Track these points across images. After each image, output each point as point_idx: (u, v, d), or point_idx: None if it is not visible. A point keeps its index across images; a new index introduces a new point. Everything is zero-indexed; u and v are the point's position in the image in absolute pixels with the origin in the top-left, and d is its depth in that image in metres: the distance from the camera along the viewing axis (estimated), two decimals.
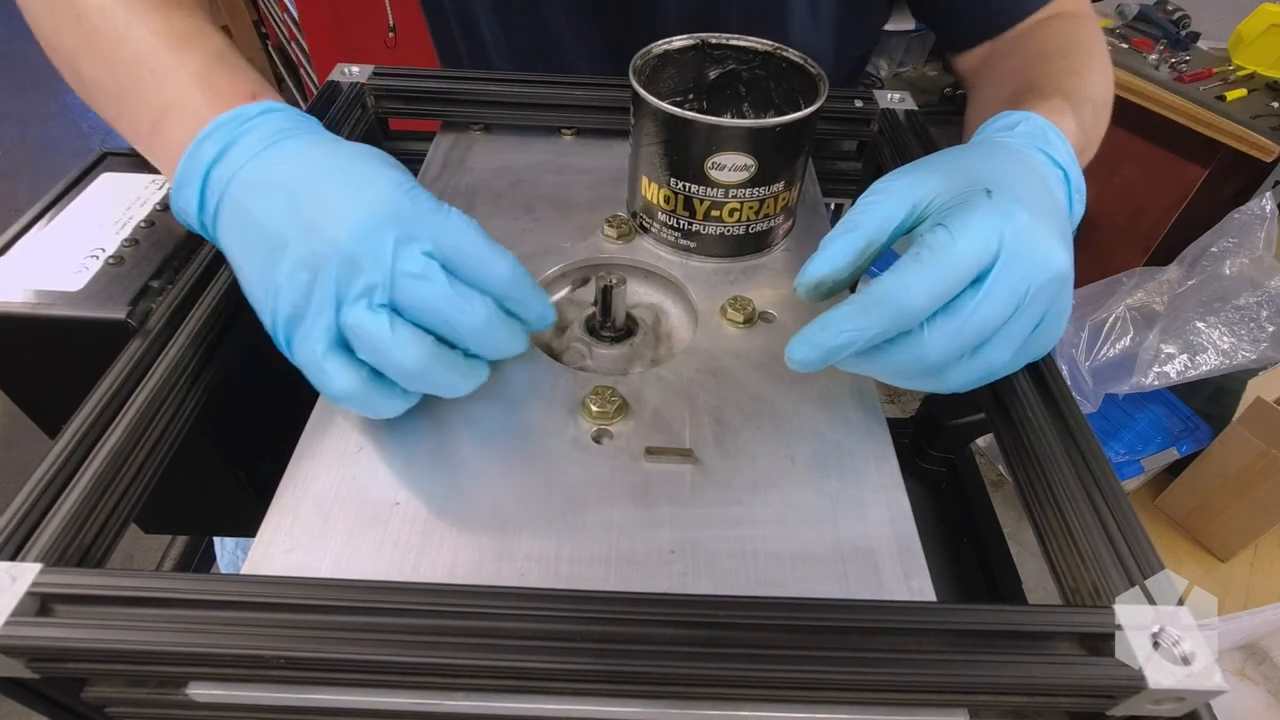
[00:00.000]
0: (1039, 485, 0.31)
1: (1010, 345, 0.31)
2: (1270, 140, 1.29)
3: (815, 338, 0.31)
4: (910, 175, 0.33)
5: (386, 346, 0.30)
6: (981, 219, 0.30)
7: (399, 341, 0.30)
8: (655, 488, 0.34)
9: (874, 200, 0.33)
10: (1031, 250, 0.30)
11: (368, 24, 1.64)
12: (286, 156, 0.33)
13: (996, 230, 0.29)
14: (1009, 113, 0.39)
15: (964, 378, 0.32)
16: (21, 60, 3.19)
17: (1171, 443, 1.44)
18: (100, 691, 0.26)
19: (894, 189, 0.33)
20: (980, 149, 0.35)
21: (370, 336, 0.30)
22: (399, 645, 0.24)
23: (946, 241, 0.29)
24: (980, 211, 0.30)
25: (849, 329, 0.30)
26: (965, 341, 0.30)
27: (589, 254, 0.47)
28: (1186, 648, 0.24)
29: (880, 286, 0.29)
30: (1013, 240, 0.29)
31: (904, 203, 0.32)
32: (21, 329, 0.35)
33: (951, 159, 0.34)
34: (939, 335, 0.30)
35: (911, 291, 0.29)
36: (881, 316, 0.29)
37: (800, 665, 0.24)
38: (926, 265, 0.29)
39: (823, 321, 0.31)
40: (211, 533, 0.66)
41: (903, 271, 0.29)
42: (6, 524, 0.26)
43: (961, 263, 0.29)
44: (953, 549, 0.57)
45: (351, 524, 0.32)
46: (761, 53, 0.47)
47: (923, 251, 0.29)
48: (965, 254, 0.29)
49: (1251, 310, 1.31)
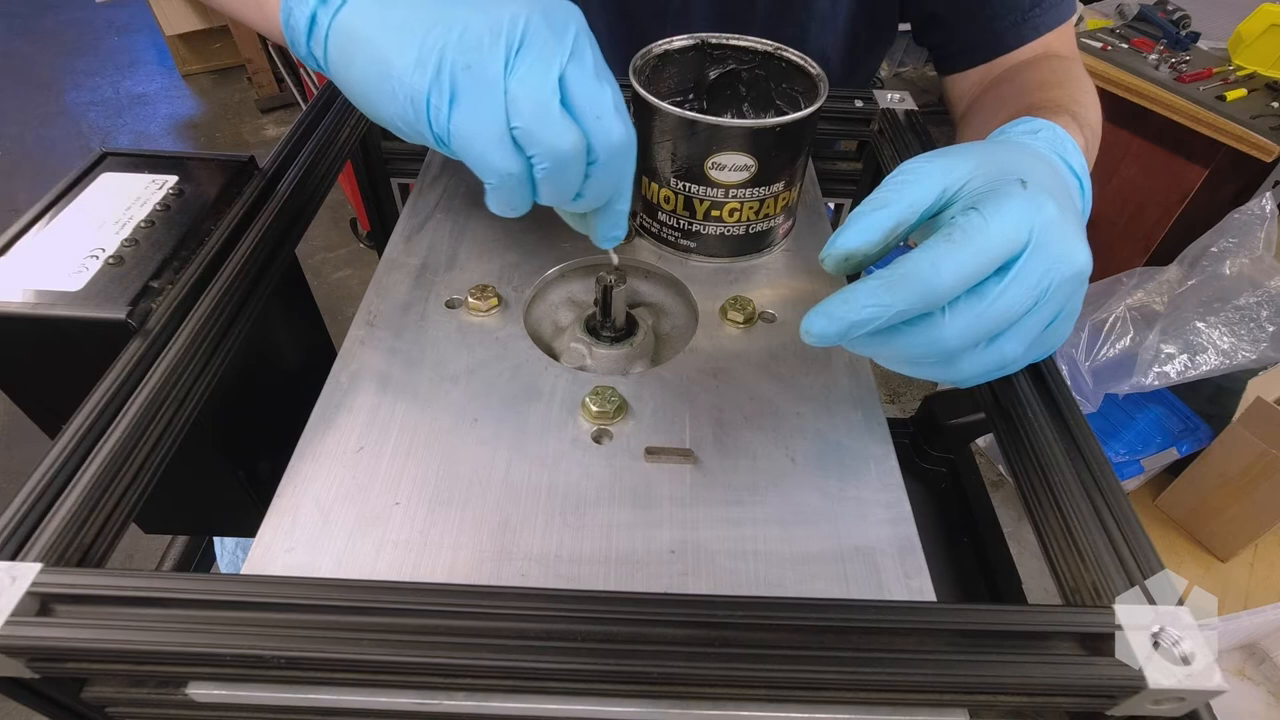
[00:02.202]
0: (1039, 485, 0.31)
1: (1025, 338, 0.31)
2: (1270, 140, 1.29)
3: (835, 311, 0.30)
4: (942, 159, 0.33)
5: (552, 122, 0.30)
6: (1014, 206, 0.29)
7: (565, 125, 0.30)
8: (655, 488, 0.34)
9: (905, 180, 0.32)
10: (1059, 244, 0.30)
11: None
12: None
13: (1028, 220, 0.29)
14: (1030, 119, 0.39)
15: (975, 368, 0.32)
16: (21, 60, 3.19)
17: (1171, 443, 1.44)
18: (100, 691, 0.26)
19: (926, 171, 0.32)
20: (1008, 145, 0.35)
21: (540, 107, 0.30)
22: (399, 645, 0.24)
23: (980, 224, 0.29)
24: (1014, 200, 0.30)
25: (871, 304, 0.29)
26: (984, 329, 0.30)
27: (589, 254, 0.47)
28: (1186, 648, 0.24)
29: (907, 264, 0.29)
30: (1042, 232, 0.29)
31: (935, 186, 0.32)
32: (21, 329, 0.35)
33: (981, 149, 0.34)
34: (960, 319, 0.29)
35: (941, 270, 0.28)
36: (907, 294, 0.29)
37: (800, 665, 0.24)
38: (959, 246, 0.29)
39: (844, 295, 0.30)
40: (211, 533, 0.66)
41: (932, 250, 0.29)
42: (6, 524, 0.26)
43: (993, 247, 0.29)
44: (953, 549, 0.57)
45: (351, 524, 0.32)
46: (761, 53, 0.47)
47: (955, 233, 0.29)
48: (997, 239, 0.29)
49: (1251, 310, 1.31)
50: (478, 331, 0.41)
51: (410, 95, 0.31)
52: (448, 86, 0.30)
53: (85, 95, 2.99)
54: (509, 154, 0.31)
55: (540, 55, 0.30)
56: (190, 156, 0.45)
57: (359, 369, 0.39)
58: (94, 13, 3.52)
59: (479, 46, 0.30)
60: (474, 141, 0.31)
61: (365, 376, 0.38)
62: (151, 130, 2.83)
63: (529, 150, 0.31)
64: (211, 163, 0.44)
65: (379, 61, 0.31)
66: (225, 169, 0.43)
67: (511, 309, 0.43)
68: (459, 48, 0.30)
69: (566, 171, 0.32)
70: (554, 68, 0.30)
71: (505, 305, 0.43)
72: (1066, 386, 0.35)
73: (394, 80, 0.31)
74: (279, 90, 2.92)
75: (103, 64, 3.20)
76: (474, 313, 0.42)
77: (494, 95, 0.30)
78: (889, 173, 0.33)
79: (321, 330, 0.55)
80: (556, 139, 0.31)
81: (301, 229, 0.44)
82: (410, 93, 0.31)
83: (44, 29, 3.45)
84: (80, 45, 3.33)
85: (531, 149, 0.31)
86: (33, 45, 3.31)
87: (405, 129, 0.33)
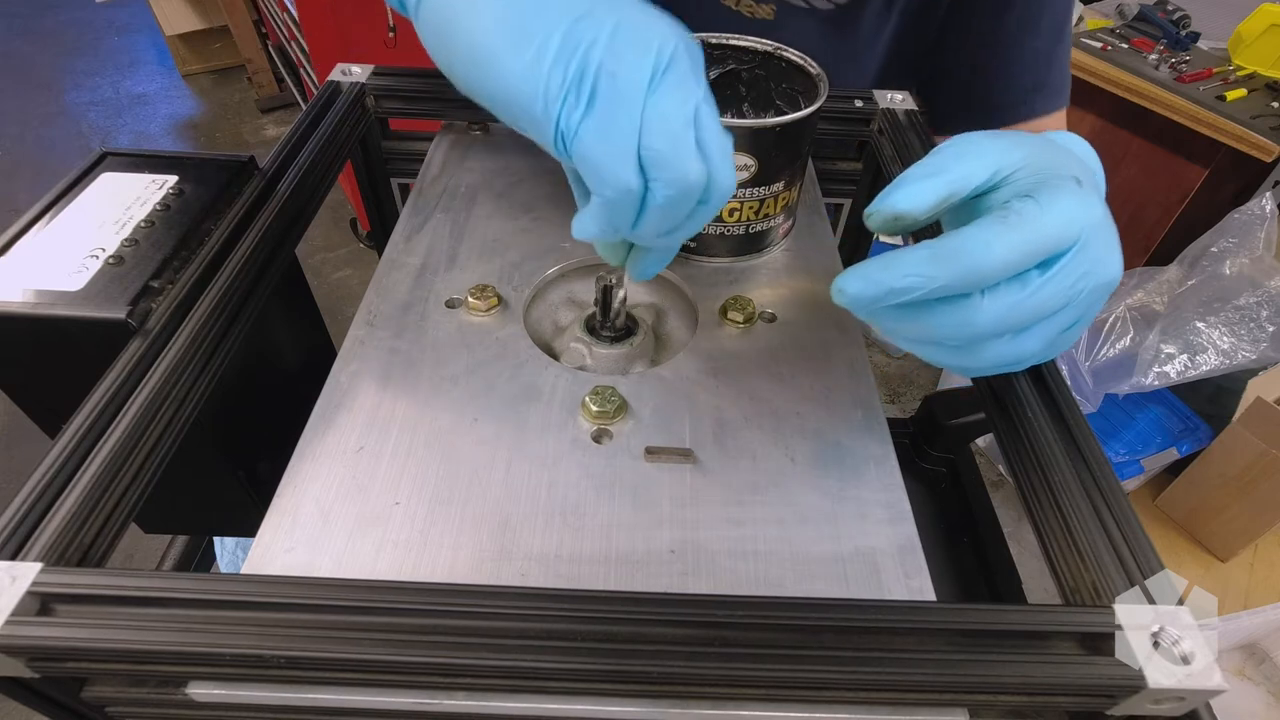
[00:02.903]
0: (1039, 485, 0.31)
1: (1046, 336, 0.31)
2: (1270, 140, 1.29)
3: (875, 275, 0.29)
4: (999, 140, 0.32)
5: (686, 153, 0.29)
6: (1070, 202, 0.29)
7: (697, 158, 0.29)
8: (655, 488, 0.34)
9: (961, 151, 0.31)
10: (1102, 248, 0.30)
11: (368, 24, 1.64)
12: None
13: (1080, 218, 0.29)
14: (1061, 132, 0.39)
15: (993, 360, 0.31)
16: (21, 60, 3.19)
17: (1171, 443, 1.44)
18: (100, 691, 0.26)
19: (981, 149, 0.31)
20: (1054, 145, 0.34)
21: (677, 134, 0.28)
22: (399, 645, 0.24)
23: (1036, 212, 0.28)
24: (1070, 196, 0.29)
25: (915, 274, 0.28)
26: (1017, 319, 0.29)
27: (589, 254, 0.47)
28: (1186, 648, 0.24)
29: (959, 239, 0.28)
30: (1091, 233, 0.29)
31: (990, 164, 0.31)
32: (21, 329, 0.35)
33: (1034, 141, 0.33)
34: (996, 304, 0.29)
35: (993, 251, 0.28)
36: (953, 269, 0.28)
37: (800, 665, 0.24)
38: (1013, 229, 0.28)
39: (887, 260, 0.29)
40: (211, 533, 0.66)
41: (986, 230, 0.28)
42: (6, 524, 0.26)
43: (1045, 238, 0.28)
44: (953, 549, 0.57)
45: (351, 524, 0.32)
46: (761, 53, 0.47)
47: (1010, 216, 0.29)
48: (1051, 229, 0.28)
49: (1251, 310, 1.31)
50: (478, 331, 0.41)
51: (544, 90, 0.28)
52: (588, 89, 0.28)
53: (85, 95, 2.99)
54: (633, 172, 0.29)
55: (683, 83, 0.29)
56: (190, 156, 0.45)
57: (359, 369, 0.39)
58: (94, 13, 3.52)
59: (626, 54, 0.28)
60: (600, 152, 0.29)
61: (365, 376, 0.38)
62: (151, 130, 2.83)
63: (654, 174, 0.29)
64: (211, 163, 0.44)
65: (511, 30, 0.29)
66: (225, 169, 0.43)
67: (511, 309, 0.43)
68: (608, 50, 0.28)
69: (685, 204, 0.31)
70: (692, 99, 0.29)
71: (505, 305, 0.43)
72: (1066, 386, 0.35)
73: (524, 65, 0.28)
74: (279, 90, 2.92)
75: (103, 64, 3.20)
76: (474, 313, 0.42)
77: (632, 109, 0.28)
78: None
79: (321, 330, 0.55)
80: (688, 169, 0.29)
81: (301, 229, 0.44)
82: (544, 87, 0.28)
83: (44, 29, 3.45)
84: (80, 45, 3.33)
85: (659, 173, 0.29)
86: (33, 45, 3.31)
87: (518, 117, 0.30)
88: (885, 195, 0.31)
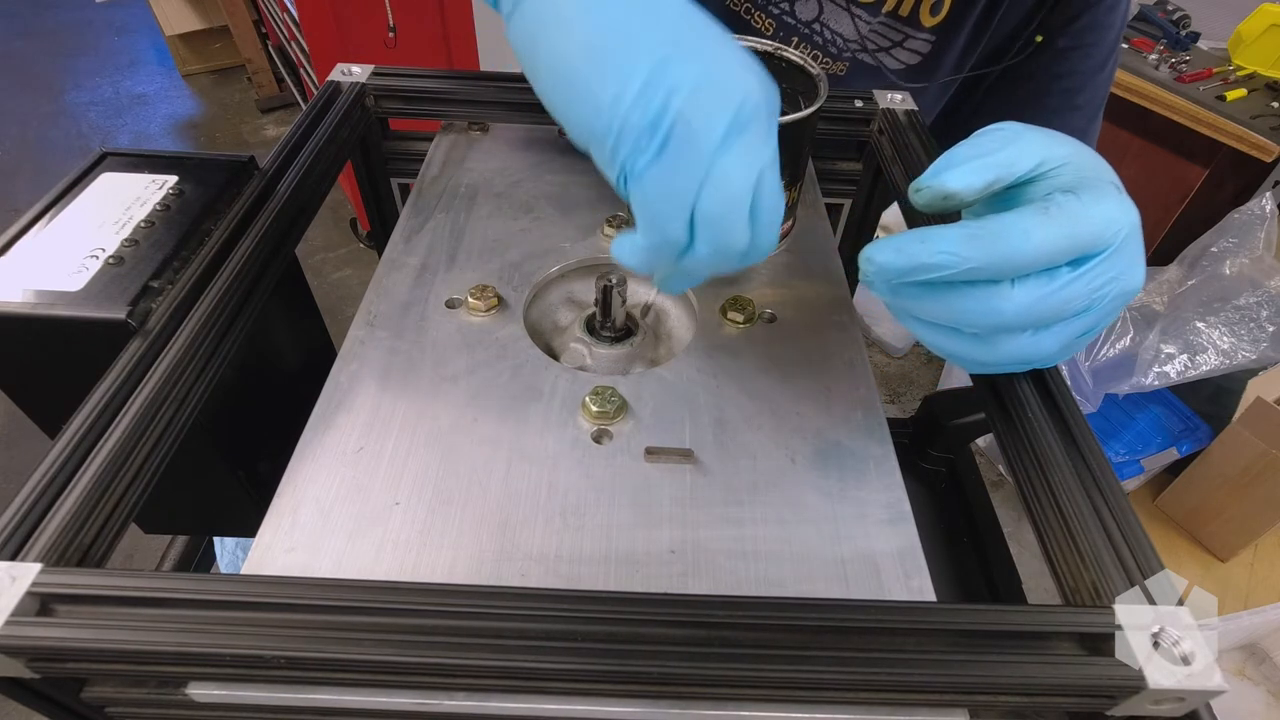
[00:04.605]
0: (1039, 485, 0.31)
1: (1063, 338, 0.31)
2: (1270, 140, 1.29)
3: (909, 248, 0.29)
4: (1040, 134, 0.31)
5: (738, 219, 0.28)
6: (1112, 205, 0.29)
7: (745, 227, 0.29)
8: (655, 488, 0.34)
9: (1006, 136, 0.31)
10: (1133, 256, 0.30)
11: (368, 24, 1.64)
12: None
13: (1121, 221, 0.29)
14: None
15: (1007, 355, 0.31)
16: (21, 60, 3.19)
17: (1171, 443, 1.44)
18: (100, 691, 0.26)
19: (1027, 139, 0.31)
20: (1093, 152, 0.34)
21: (735, 199, 0.28)
22: (399, 645, 0.24)
23: (1079, 208, 0.28)
24: (1112, 198, 0.29)
25: (949, 251, 0.28)
26: (1041, 313, 0.29)
27: (589, 254, 0.47)
28: (1186, 648, 0.24)
29: (999, 223, 0.28)
30: (1125, 239, 0.29)
31: (1036, 154, 0.31)
32: (21, 329, 0.35)
33: (1074, 142, 0.33)
34: (1025, 295, 0.29)
35: (1031, 239, 0.28)
36: (989, 252, 0.28)
37: (800, 665, 0.24)
38: (1054, 220, 0.28)
39: (922, 235, 0.29)
40: (211, 533, 0.66)
41: (1027, 218, 0.28)
42: (6, 524, 0.26)
43: (1085, 234, 0.28)
44: (953, 549, 0.57)
45: (351, 524, 0.32)
46: (761, 53, 0.47)
47: (1051, 207, 0.28)
48: (1092, 227, 0.28)
49: (1251, 310, 1.31)
50: (478, 331, 0.41)
51: (620, 128, 0.27)
52: (661, 136, 0.27)
53: (85, 95, 2.99)
54: (683, 228, 0.29)
55: (754, 146, 0.28)
56: (190, 157, 0.45)
57: (359, 369, 0.39)
58: (94, 13, 3.52)
59: (706, 105, 0.27)
60: (657, 202, 0.28)
61: (365, 376, 0.38)
62: (151, 130, 2.83)
63: (702, 232, 0.29)
64: (211, 163, 0.44)
65: (598, 60, 0.28)
66: (225, 169, 0.43)
67: (511, 309, 0.43)
68: (689, 99, 0.27)
69: (725, 263, 0.30)
70: (759, 164, 0.28)
71: (505, 305, 0.43)
72: (1066, 386, 0.35)
73: (605, 101, 0.27)
74: (279, 90, 2.92)
75: (103, 64, 3.20)
76: (474, 313, 0.42)
77: (698, 165, 0.27)
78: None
79: (321, 330, 0.55)
80: (735, 237, 0.29)
81: (301, 229, 0.44)
82: (620, 126, 0.27)
83: (44, 29, 3.45)
84: (80, 45, 3.33)
85: (706, 232, 0.29)
86: (33, 45, 3.31)
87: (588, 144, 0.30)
88: (936, 173, 0.30)
